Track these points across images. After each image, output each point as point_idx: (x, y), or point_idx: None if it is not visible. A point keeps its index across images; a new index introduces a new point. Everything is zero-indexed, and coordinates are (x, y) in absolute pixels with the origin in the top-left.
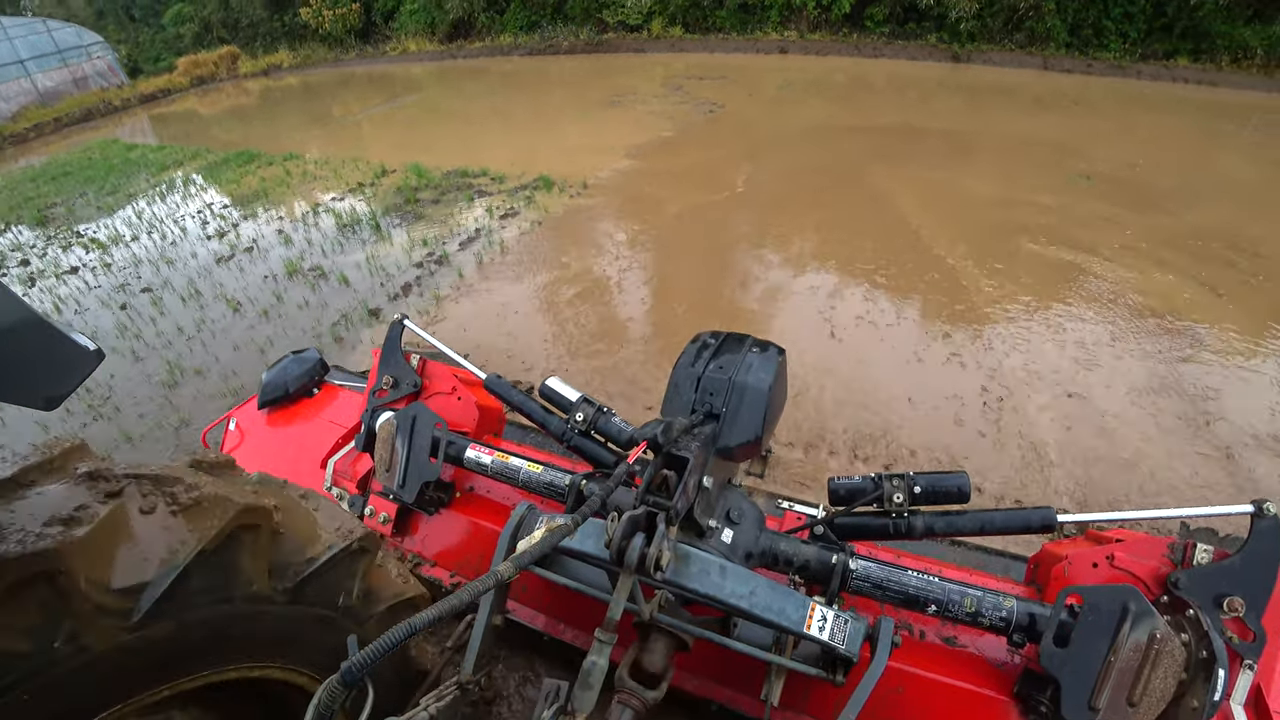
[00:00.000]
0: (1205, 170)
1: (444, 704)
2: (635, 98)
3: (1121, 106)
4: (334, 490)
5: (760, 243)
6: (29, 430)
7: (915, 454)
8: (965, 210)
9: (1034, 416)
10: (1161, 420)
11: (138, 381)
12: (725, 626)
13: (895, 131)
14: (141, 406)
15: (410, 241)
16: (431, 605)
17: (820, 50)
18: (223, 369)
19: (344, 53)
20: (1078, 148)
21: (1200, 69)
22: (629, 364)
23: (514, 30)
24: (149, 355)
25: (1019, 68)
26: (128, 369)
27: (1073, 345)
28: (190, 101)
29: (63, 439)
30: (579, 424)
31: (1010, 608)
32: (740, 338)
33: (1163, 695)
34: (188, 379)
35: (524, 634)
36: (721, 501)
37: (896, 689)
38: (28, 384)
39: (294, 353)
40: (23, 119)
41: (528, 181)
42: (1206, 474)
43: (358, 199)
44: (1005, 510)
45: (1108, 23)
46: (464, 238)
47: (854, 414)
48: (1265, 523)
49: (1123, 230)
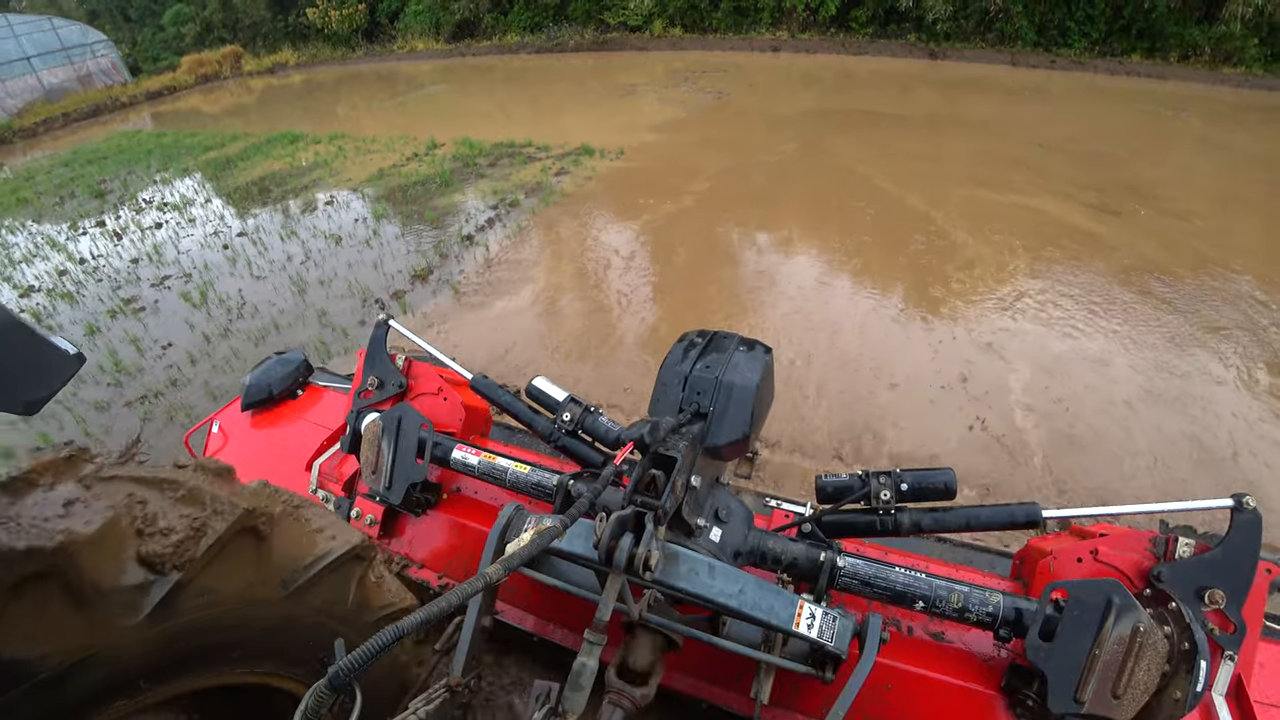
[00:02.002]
0: (1136, 141)
1: (433, 707)
2: (647, 88)
3: (1077, 95)
4: (319, 493)
5: (783, 186)
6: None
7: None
8: (931, 165)
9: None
10: (1055, 252)
11: (266, 293)
12: (715, 625)
13: (879, 114)
14: (279, 307)
15: (481, 192)
16: (420, 608)
17: (810, 49)
18: (343, 279)
19: (350, 52)
20: (1035, 126)
21: (1151, 64)
22: (709, 255)
23: (518, 31)
24: (269, 276)
25: (989, 64)
26: (252, 286)
27: (997, 241)
28: (195, 99)
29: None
30: (566, 424)
31: (996, 603)
32: (727, 336)
33: (1146, 687)
34: (313, 287)
35: (513, 635)
36: (709, 500)
37: (885, 685)
38: (6, 388)
39: (277, 354)
40: (29, 114)
41: (570, 150)
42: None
43: (419, 164)
44: (991, 506)
45: (1071, 24)
46: (528, 189)
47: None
48: (1244, 516)
49: (1051, 178)
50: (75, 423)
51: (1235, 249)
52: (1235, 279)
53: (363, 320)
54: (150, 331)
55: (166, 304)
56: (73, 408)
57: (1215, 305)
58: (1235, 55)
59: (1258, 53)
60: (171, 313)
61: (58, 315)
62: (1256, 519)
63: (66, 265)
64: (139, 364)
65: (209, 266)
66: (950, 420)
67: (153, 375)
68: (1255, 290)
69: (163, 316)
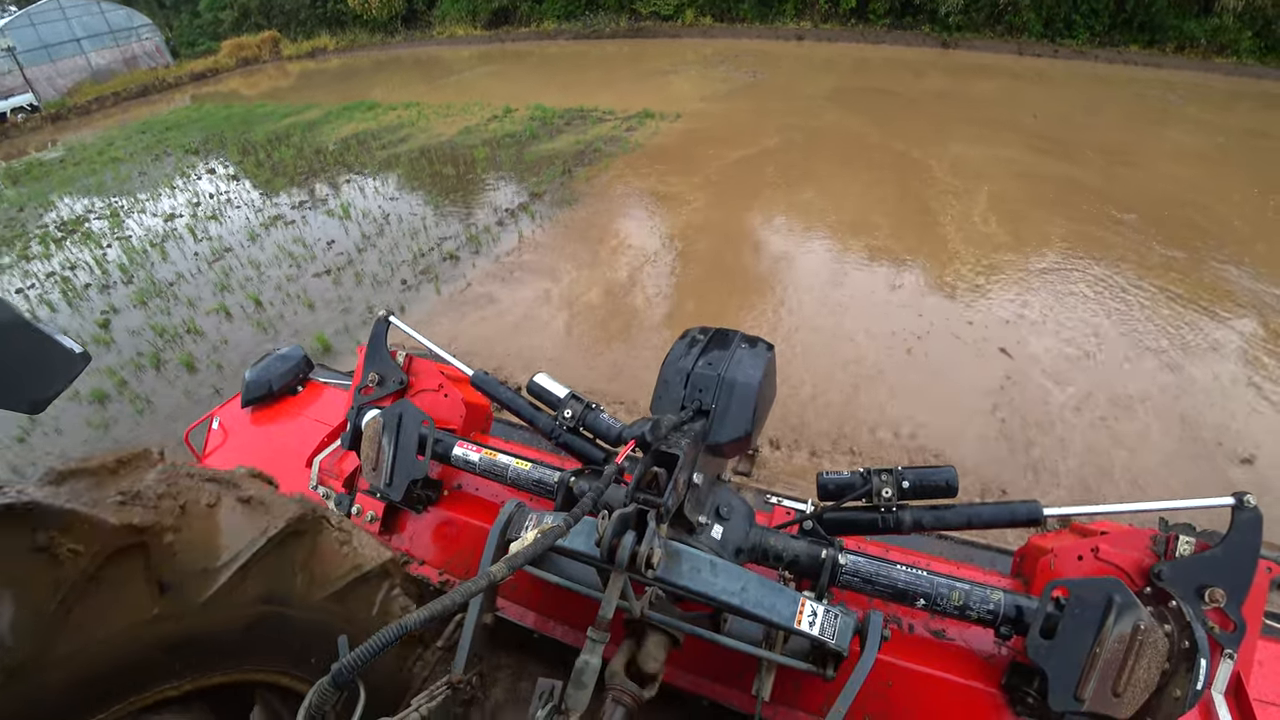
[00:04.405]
0: (1117, 114)
1: (435, 704)
2: (687, 68)
3: (1077, 80)
4: (320, 489)
5: (819, 142)
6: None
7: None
8: (935, 129)
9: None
10: (1008, 180)
11: (403, 209)
12: (716, 622)
13: (895, 93)
14: (420, 215)
15: (567, 142)
16: (423, 606)
17: (831, 38)
18: (462, 203)
19: (388, 37)
20: (1032, 103)
21: (1148, 54)
22: (774, 193)
23: (554, 18)
24: (401, 198)
25: (997, 53)
26: (388, 205)
27: (967, 175)
28: (234, 81)
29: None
30: (567, 420)
31: (997, 601)
32: (729, 334)
33: (1146, 685)
34: (445, 207)
35: (514, 632)
36: (711, 498)
37: (886, 682)
38: (11, 387)
39: (277, 350)
40: (78, 94)
41: (633, 114)
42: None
43: (500, 124)
44: (992, 504)
45: (1077, 17)
46: (605, 140)
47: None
48: (1245, 514)
49: (1032, 137)
50: (276, 289)
51: (1158, 178)
52: (1132, 198)
53: (501, 221)
54: (307, 235)
55: (314, 220)
56: (269, 276)
57: (1114, 204)
58: (1230, 47)
59: (1251, 44)
60: (320, 225)
61: (211, 229)
62: (1257, 517)
63: (197, 198)
64: (310, 254)
65: (341, 191)
66: (918, 223)
67: (325, 260)
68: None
69: (313, 227)
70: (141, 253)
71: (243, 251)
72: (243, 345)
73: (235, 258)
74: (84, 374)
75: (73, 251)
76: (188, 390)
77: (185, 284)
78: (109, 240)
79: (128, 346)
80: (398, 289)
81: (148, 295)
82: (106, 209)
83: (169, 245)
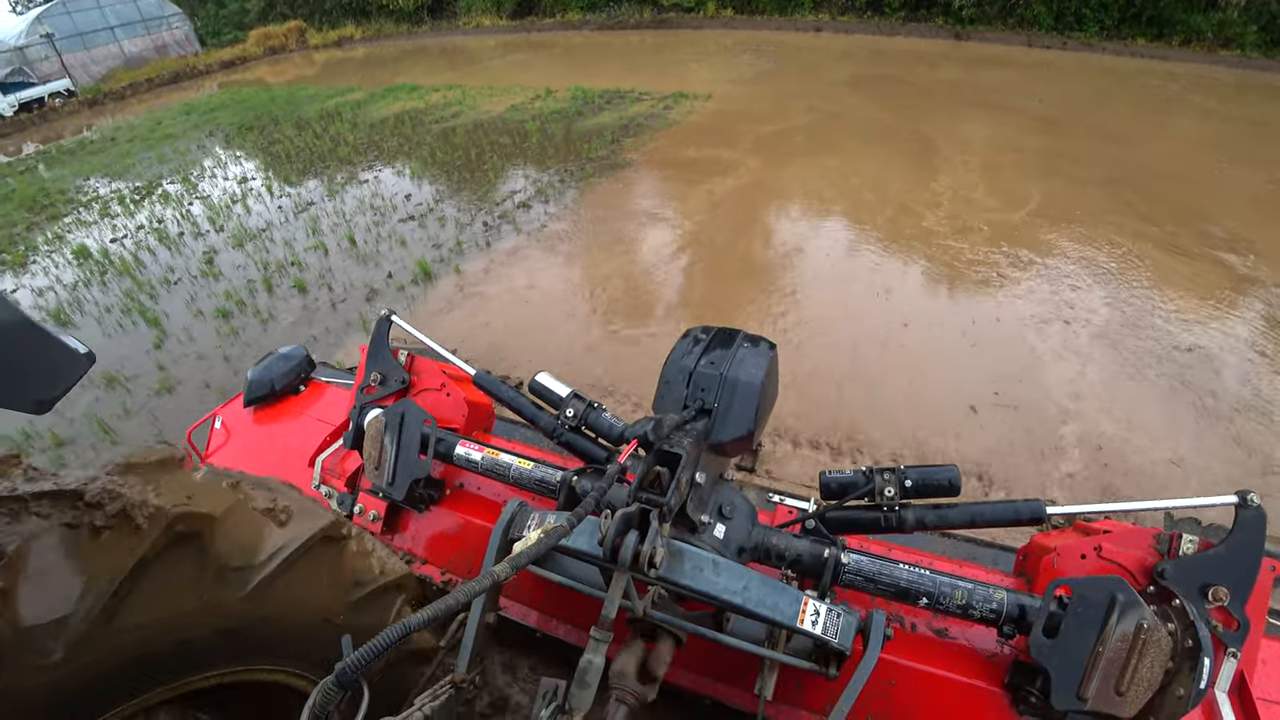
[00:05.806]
0: (1120, 100)
1: (439, 703)
2: (711, 57)
3: (1084, 71)
4: (322, 489)
5: (840, 122)
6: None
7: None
8: (943, 111)
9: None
10: (1001, 149)
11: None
12: (719, 622)
13: (909, 81)
14: (509, 174)
15: (609, 119)
16: (426, 605)
17: (848, 29)
18: (520, 170)
19: (414, 27)
20: (1038, 90)
21: (1155, 47)
22: (808, 161)
23: (579, 9)
24: (467, 166)
25: (1007, 45)
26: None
27: (968, 148)
28: (262, 69)
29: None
30: (569, 420)
31: (1000, 599)
32: (731, 333)
33: (1150, 684)
34: (505, 171)
35: (516, 631)
36: (714, 497)
37: (889, 681)
38: (17, 387)
39: (279, 350)
40: (112, 80)
41: (667, 94)
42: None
43: (543, 103)
44: (995, 503)
45: (1087, 10)
46: (645, 116)
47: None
48: (1249, 513)
49: (1029, 117)
50: (366, 231)
51: (1133, 145)
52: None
53: (562, 179)
54: (383, 191)
55: (386, 179)
56: (358, 223)
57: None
58: (1235, 40)
59: (1257, 38)
60: (393, 183)
61: (287, 189)
62: (1261, 516)
63: (266, 163)
64: (391, 205)
65: (404, 157)
66: (911, 183)
67: (406, 209)
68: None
69: (387, 185)
70: (224, 208)
71: (326, 204)
72: (348, 272)
73: (320, 209)
74: (205, 294)
75: (155, 209)
76: (305, 306)
77: (276, 230)
78: (189, 200)
79: (236, 277)
80: (480, 230)
81: (243, 239)
82: (177, 175)
83: (250, 201)
